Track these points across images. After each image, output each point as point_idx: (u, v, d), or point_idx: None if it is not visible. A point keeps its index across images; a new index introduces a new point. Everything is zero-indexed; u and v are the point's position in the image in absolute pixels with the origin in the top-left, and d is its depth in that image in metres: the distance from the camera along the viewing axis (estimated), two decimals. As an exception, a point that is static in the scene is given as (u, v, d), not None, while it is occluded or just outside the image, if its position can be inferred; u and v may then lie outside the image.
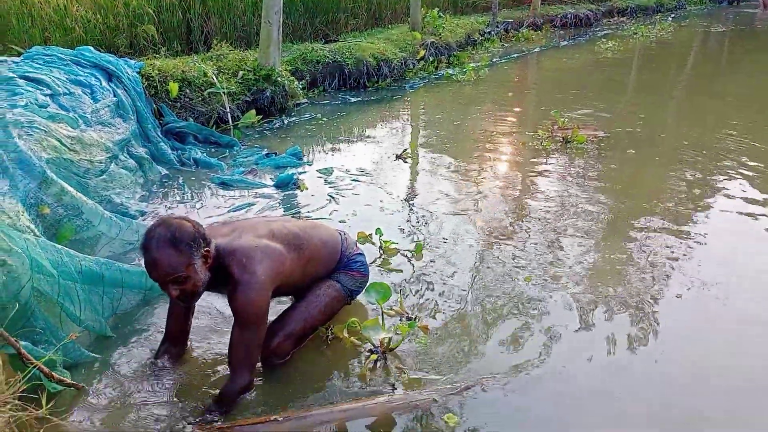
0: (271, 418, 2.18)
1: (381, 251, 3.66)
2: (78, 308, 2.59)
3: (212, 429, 2.12)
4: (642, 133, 6.41)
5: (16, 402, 1.87)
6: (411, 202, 4.55)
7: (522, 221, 4.16)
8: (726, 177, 5.04)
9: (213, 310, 2.96)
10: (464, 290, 3.23)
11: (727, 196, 4.65)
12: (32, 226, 3.04)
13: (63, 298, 2.51)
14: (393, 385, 2.48)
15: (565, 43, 12.42)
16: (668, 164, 5.46)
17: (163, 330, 2.63)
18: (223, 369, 2.54)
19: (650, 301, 3.15)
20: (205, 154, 5.44)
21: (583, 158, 5.56)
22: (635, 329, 2.90)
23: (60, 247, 2.69)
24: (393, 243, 3.70)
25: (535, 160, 5.55)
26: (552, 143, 5.96)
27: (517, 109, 7.65)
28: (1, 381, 1.96)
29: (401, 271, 3.47)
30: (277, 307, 2.86)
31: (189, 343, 2.66)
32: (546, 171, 5.24)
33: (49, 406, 1.91)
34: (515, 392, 2.46)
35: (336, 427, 2.23)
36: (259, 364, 2.49)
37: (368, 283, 2.89)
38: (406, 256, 3.62)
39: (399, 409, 2.31)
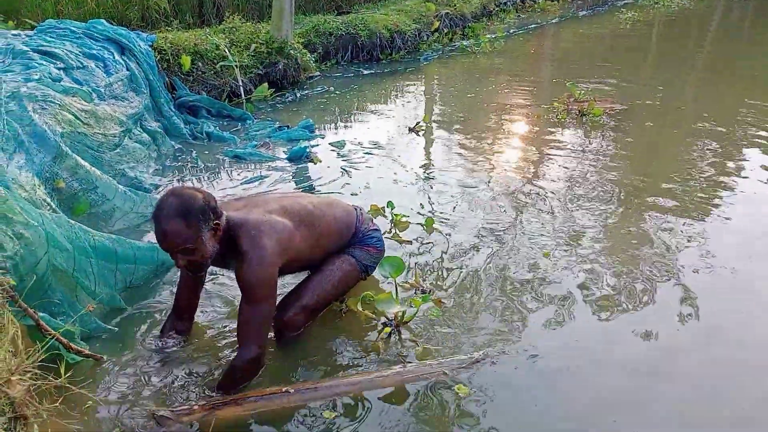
0: (282, 390, 2.21)
1: (392, 224, 3.66)
2: (93, 282, 2.63)
3: (224, 400, 2.15)
4: (660, 105, 6.30)
5: (36, 371, 1.91)
6: (425, 175, 4.53)
7: (536, 195, 4.13)
8: (745, 151, 4.95)
9: (225, 286, 2.99)
10: (477, 264, 3.23)
11: (746, 170, 4.57)
12: (48, 200, 3.08)
13: (78, 273, 2.54)
14: (405, 357, 2.50)
15: (584, 13, 12.15)
16: (686, 137, 5.38)
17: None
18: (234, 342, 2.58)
19: (666, 276, 3.13)
20: (217, 127, 5.44)
21: (599, 131, 5.49)
22: (650, 304, 2.89)
23: (74, 222, 2.72)
24: (404, 216, 3.69)
25: (550, 133, 5.49)
26: (567, 116, 5.88)
27: (533, 82, 7.54)
28: (21, 350, 2.01)
29: (410, 242, 3.48)
30: (287, 283, 2.88)
31: (198, 318, 2.68)
32: (561, 144, 5.18)
33: (67, 375, 1.95)
34: (524, 365, 2.47)
35: (347, 399, 2.26)
36: (271, 335, 2.52)
37: (382, 258, 2.89)
38: (418, 230, 3.62)
39: (408, 382, 2.33)
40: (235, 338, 2.57)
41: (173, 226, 2.08)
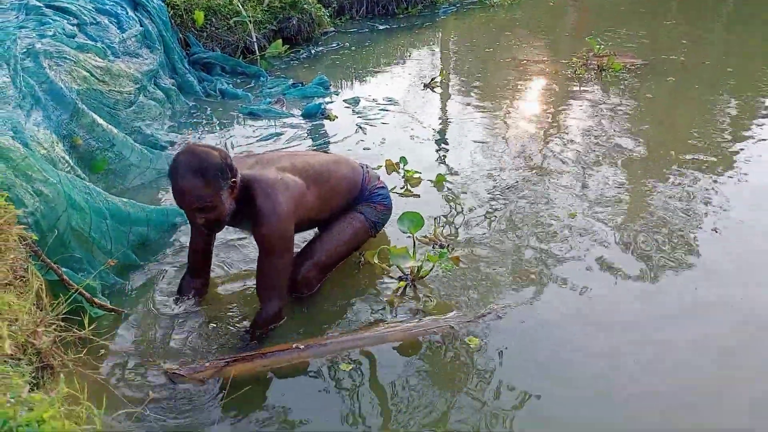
0: (293, 346, 2.25)
1: (404, 180, 3.65)
2: (108, 242, 2.66)
3: (235, 357, 2.19)
4: (684, 60, 6.14)
5: (61, 323, 1.97)
6: (441, 132, 4.50)
7: (553, 153, 4.09)
8: (769, 106, 4.84)
9: (239, 245, 3.02)
10: (493, 220, 3.22)
11: (769, 125, 4.48)
12: (67, 157, 3.10)
13: (94, 233, 2.57)
14: (419, 312, 2.53)
15: (606, -37, 11.76)
16: (709, 93, 5.26)
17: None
18: (252, 298, 2.62)
19: (683, 234, 3.10)
20: (231, 84, 5.42)
21: (619, 87, 5.38)
22: (667, 263, 2.87)
23: (88, 183, 2.75)
24: (417, 173, 3.69)
25: (568, 89, 5.39)
26: (586, 71, 5.76)
27: (552, 36, 7.37)
28: (46, 303, 2.07)
29: (418, 196, 3.49)
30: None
31: (212, 276, 2.71)
32: (579, 100, 5.10)
33: (90, 327, 2.00)
34: (532, 319, 2.48)
35: (362, 352, 2.30)
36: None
37: (402, 213, 2.89)
38: (431, 187, 3.62)
39: (417, 336, 2.36)
40: (250, 295, 2.61)
41: (192, 184, 2.08)
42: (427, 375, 2.21)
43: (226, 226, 2.42)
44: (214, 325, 2.44)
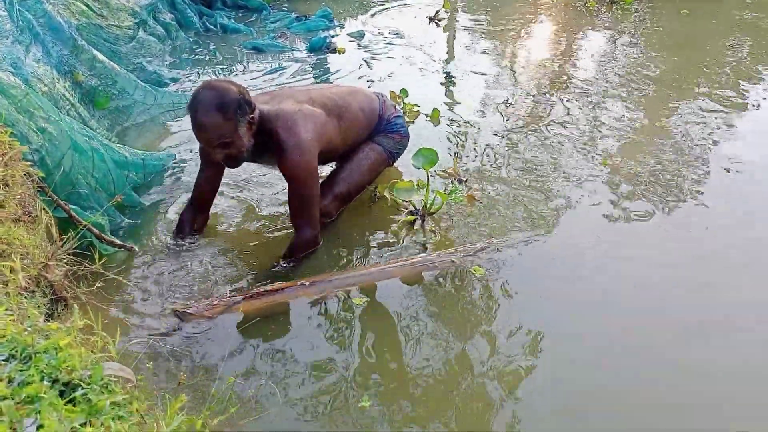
0: (298, 283, 2.28)
1: (403, 113, 3.62)
2: (111, 183, 2.66)
3: (244, 295, 2.20)
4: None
5: (72, 258, 1.99)
6: (447, 65, 4.41)
7: (562, 88, 4.01)
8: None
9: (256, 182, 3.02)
10: (501, 156, 3.20)
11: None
12: (68, 95, 3.07)
13: (96, 173, 2.57)
14: (424, 246, 2.55)
15: None
16: (725, 27, 5.09)
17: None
18: (266, 236, 2.65)
19: (693, 172, 3.06)
20: (232, 19, 5.29)
21: (630, 20, 5.22)
22: (673, 200, 2.85)
23: (84, 127, 2.73)
24: (416, 106, 3.65)
25: (578, 22, 5.24)
26: (597, 4, 5.58)
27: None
28: (56, 238, 2.09)
29: (413, 122, 3.50)
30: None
31: (220, 213, 2.73)
32: (590, 34, 4.96)
33: (101, 262, 2.02)
34: (531, 253, 2.50)
35: (368, 288, 2.33)
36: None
37: (417, 149, 2.86)
38: (426, 119, 3.59)
39: (419, 271, 2.39)
40: (255, 234, 2.64)
41: (211, 120, 2.09)
42: (436, 305, 2.24)
43: (247, 162, 2.42)
44: (224, 263, 2.47)
